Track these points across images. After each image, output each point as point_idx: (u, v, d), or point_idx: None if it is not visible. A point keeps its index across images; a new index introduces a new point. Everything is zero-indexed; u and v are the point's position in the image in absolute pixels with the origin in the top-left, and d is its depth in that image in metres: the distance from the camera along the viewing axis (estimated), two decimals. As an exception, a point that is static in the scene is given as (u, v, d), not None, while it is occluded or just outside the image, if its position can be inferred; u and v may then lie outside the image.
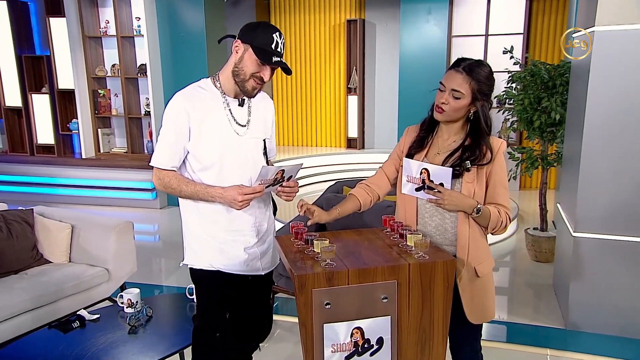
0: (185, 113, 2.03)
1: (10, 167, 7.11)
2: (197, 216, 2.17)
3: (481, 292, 2.02)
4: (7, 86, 7.05)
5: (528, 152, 4.62)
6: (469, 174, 1.96)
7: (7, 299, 3.11)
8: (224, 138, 2.07)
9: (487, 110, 1.98)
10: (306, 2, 8.27)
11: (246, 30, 2.05)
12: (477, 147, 1.97)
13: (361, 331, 1.71)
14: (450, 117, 1.99)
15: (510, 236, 5.57)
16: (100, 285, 3.62)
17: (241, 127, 2.12)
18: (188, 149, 2.08)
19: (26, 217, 3.71)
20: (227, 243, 2.16)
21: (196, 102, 2.05)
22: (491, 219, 1.94)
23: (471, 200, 1.93)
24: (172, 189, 2.10)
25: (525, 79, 4.59)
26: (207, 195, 2.04)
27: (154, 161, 2.11)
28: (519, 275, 4.74)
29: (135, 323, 2.77)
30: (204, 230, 2.17)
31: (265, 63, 2.01)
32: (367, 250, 1.88)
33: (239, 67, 2.04)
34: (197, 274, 2.23)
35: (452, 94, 1.95)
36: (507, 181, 2.02)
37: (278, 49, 2.02)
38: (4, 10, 6.79)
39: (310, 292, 1.65)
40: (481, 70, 1.94)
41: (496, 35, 7.34)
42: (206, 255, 2.19)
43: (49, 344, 2.61)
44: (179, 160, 2.10)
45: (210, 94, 2.09)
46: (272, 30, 2.03)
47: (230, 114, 2.10)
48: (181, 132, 2.05)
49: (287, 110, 8.71)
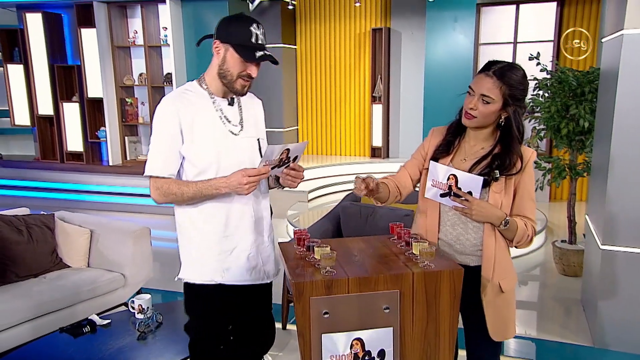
0: (176, 116, 1.94)
1: (42, 173, 7.29)
2: (191, 225, 2.06)
3: (504, 308, 1.92)
4: (40, 95, 7.24)
5: (555, 162, 4.46)
6: (497, 183, 1.86)
7: (25, 303, 3.15)
8: (218, 139, 1.99)
9: (519, 116, 1.88)
10: (332, 10, 8.26)
11: (222, 28, 1.96)
12: (507, 155, 1.86)
13: (361, 342, 1.64)
14: (479, 123, 1.90)
15: (538, 249, 5.38)
16: (117, 290, 3.64)
17: (235, 126, 2.04)
18: (182, 153, 1.98)
19: (47, 222, 3.77)
20: (226, 252, 2.05)
21: (185, 104, 1.97)
22: (517, 232, 1.85)
23: (499, 211, 1.84)
24: (174, 195, 1.98)
25: (552, 87, 4.45)
26: (211, 189, 1.92)
27: (148, 170, 1.98)
28: (546, 289, 4.56)
29: (145, 329, 2.76)
30: (203, 241, 2.06)
31: (249, 61, 1.93)
32: (370, 258, 1.81)
33: (224, 69, 1.97)
34: (196, 288, 2.10)
35: (481, 99, 1.85)
36: (534, 193, 1.93)
37: (259, 41, 1.93)
38: (38, 22, 7.00)
39: (309, 300, 1.59)
40: (513, 74, 1.83)
41: (525, 42, 7.17)
42: (204, 268, 2.07)
43: (59, 348, 2.63)
44: (175, 166, 1.99)
45: (198, 95, 2.01)
46: (248, 22, 1.93)
47: (222, 113, 2.02)
48: (174, 135, 1.95)
49: (312, 118, 8.69)
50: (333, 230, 3.82)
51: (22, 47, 7.17)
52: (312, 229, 3.79)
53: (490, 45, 7.38)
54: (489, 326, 1.91)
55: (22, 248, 3.51)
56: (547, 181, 4.63)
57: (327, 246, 1.71)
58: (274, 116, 8.32)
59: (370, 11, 8.09)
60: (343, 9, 8.19)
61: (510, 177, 1.86)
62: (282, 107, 8.25)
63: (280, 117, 8.29)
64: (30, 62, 7.13)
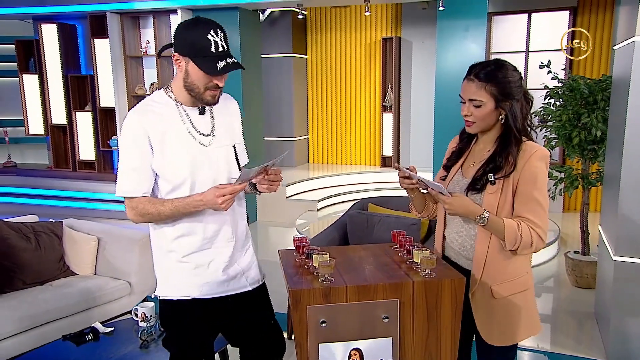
0: (144, 131, 1.83)
1: (54, 182, 7.35)
2: (169, 241, 1.97)
3: (500, 314, 1.84)
4: (54, 104, 7.33)
5: (567, 171, 4.38)
6: (493, 185, 1.80)
7: (30, 310, 3.16)
8: (189, 152, 1.88)
9: (517, 110, 1.81)
10: (342, 20, 8.28)
11: (179, 38, 1.81)
12: (502, 155, 1.80)
13: (360, 353, 1.60)
14: (481, 127, 1.87)
15: (551, 260, 5.28)
16: (123, 298, 3.63)
17: (205, 136, 1.92)
18: (154, 170, 1.88)
19: (55, 229, 3.78)
20: (203, 265, 1.97)
21: (152, 118, 1.86)
22: (506, 233, 1.73)
23: (476, 207, 1.76)
24: (150, 214, 1.87)
25: (564, 95, 4.38)
26: (188, 207, 1.84)
27: (120, 191, 1.88)
28: (559, 301, 4.47)
29: (147, 337, 2.73)
30: (173, 256, 1.97)
31: (212, 74, 1.78)
32: (371, 266, 1.77)
33: (188, 82, 1.84)
34: (172, 303, 2.00)
35: (471, 104, 1.83)
36: (542, 194, 1.77)
37: (220, 49, 1.77)
38: (53, 33, 7.11)
39: (306, 308, 1.56)
40: (495, 71, 1.80)
41: (537, 51, 7.11)
42: (181, 283, 1.98)
43: (62, 356, 2.61)
44: (149, 184, 1.88)
45: (166, 106, 1.90)
46: (206, 29, 1.77)
47: (191, 124, 1.90)
48: (144, 152, 1.84)
49: (322, 128, 8.68)
50: (339, 239, 3.78)
51: (37, 57, 7.28)
52: (319, 237, 3.76)
53: (502, 54, 7.34)
54: (479, 328, 1.85)
55: (29, 255, 3.52)
56: (559, 191, 4.55)
57: (326, 254, 1.68)
58: (284, 125, 8.33)
59: (380, 21, 8.09)
60: (354, 18, 8.20)
61: (507, 177, 1.78)
62: (292, 116, 8.26)
63: (291, 126, 8.30)
64: (45, 72, 7.23)
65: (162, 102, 1.90)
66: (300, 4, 6.29)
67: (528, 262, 1.87)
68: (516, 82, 1.82)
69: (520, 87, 1.83)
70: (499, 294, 1.82)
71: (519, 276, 1.84)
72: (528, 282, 1.86)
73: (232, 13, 6.42)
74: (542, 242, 1.77)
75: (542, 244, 1.77)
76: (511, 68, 1.84)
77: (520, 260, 1.84)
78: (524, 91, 1.87)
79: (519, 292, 1.84)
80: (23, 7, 7.02)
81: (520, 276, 1.84)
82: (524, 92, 1.87)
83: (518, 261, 1.83)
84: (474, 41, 7.02)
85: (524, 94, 1.86)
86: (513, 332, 1.86)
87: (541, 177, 1.77)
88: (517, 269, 1.84)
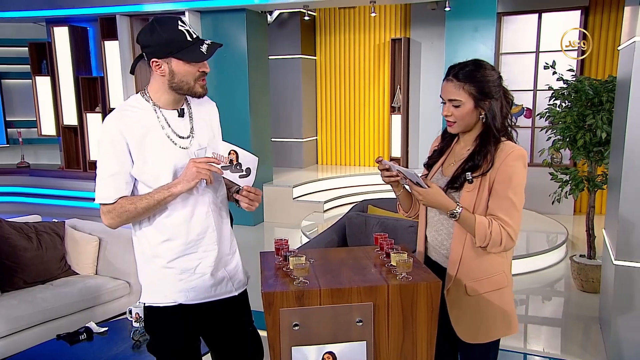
0: (121, 136, 1.80)
1: (65, 182, 7.46)
2: (154, 247, 1.93)
3: (474, 311, 1.84)
4: (65, 106, 7.44)
5: (572, 173, 4.31)
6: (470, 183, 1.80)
7: (28, 309, 3.20)
8: (168, 156, 1.86)
9: (496, 109, 1.81)
10: (351, 21, 8.26)
11: (152, 44, 1.79)
12: (480, 154, 1.81)
13: (333, 356, 1.58)
14: (462, 127, 1.87)
15: (558, 263, 5.19)
16: (122, 298, 3.67)
17: (184, 139, 1.90)
18: (134, 176, 1.85)
19: (57, 229, 3.83)
20: (189, 270, 1.94)
21: (130, 123, 1.83)
22: (477, 230, 1.74)
23: (450, 202, 1.78)
24: (128, 212, 1.83)
25: (569, 96, 4.31)
26: (168, 194, 1.81)
27: (99, 198, 1.85)
28: (563, 305, 4.40)
29: (140, 337, 2.76)
30: (162, 261, 1.93)
31: (201, 60, 1.80)
32: (349, 269, 1.76)
33: (176, 82, 1.82)
34: (157, 311, 1.98)
35: (451, 104, 1.84)
36: (517, 194, 1.76)
37: (194, 35, 1.79)
38: (65, 35, 7.22)
39: (278, 311, 1.55)
40: (473, 71, 1.80)
41: (548, 52, 7.01)
42: (165, 289, 1.95)
43: (55, 355, 2.65)
44: (128, 189, 1.85)
45: (144, 111, 1.87)
46: (173, 24, 1.77)
47: (170, 129, 1.88)
48: (122, 158, 1.81)
49: (331, 129, 8.67)
50: (338, 241, 3.77)
51: (49, 59, 7.40)
52: (318, 239, 3.75)
53: (511, 55, 7.26)
54: (454, 325, 1.86)
55: (30, 255, 3.57)
56: (565, 193, 4.48)
57: (303, 256, 1.66)
58: (293, 126, 8.34)
59: (389, 22, 8.05)
60: (362, 19, 8.18)
61: (484, 175, 1.78)
62: (301, 117, 8.26)
63: (300, 127, 8.30)
64: (57, 74, 7.35)
65: (140, 107, 1.87)
66: (306, 5, 6.29)
67: (505, 261, 1.86)
68: (494, 81, 1.82)
69: (499, 86, 1.84)
70: (473, 291, 1.83)
71: (494, 274, 1.84)
72: (504, 281, 1.85)
73: (239, 15, 6.45)
74: (512, 242, 1.77)
75: (512, 244, 1.77)
76: (489, 68, 1.85)
77: (495, 259, 1.83)
78: (504, 91, 1.87)
79: (494, 290, 1.84)
80: (36, 10, 7.15)
81: (495, 274, 1.84)
82: (503, 91, 1.87)
83: (493, 259, 1.83)
84: (482, 42, 6.95)
85: (504, 93, 1.86)
86: (487, 329, 1.86)
87: (517, 177, 1.77)
88: (493, 267, 1.84)
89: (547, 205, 5.21)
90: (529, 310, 4.27)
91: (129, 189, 1.85)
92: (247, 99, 6.47)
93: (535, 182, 4.39)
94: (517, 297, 4.44)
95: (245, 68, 6.48)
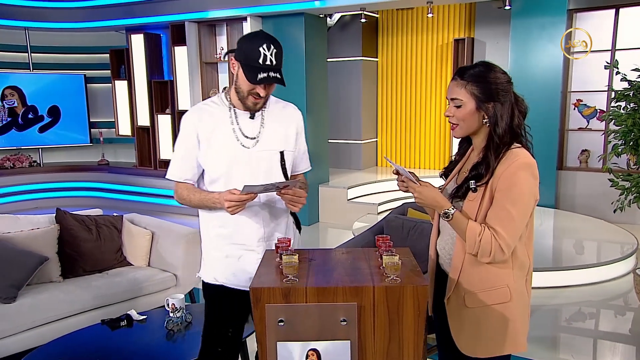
0: (194, 127, 2.10)
1: (138, 179, 7.97)
2: (207, 227, 2.23)
3: (471, 323, 1.78)
4: (139, 108, 7.96)
5: (635, 180, 4.02)
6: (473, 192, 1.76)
7: (83, 295, 3.48)
8: (229, 151, 2.09)
9: (501, 114, 1.74)
10: (413, 22, 8.16)
11: (238, 45, 2.05)
12: (483, 162, 1.76)
13: (317, 354, 1.62)
14: (464, 130, 1.83)
15: (625, 275, 4.85)
16: (169, 289, 3.88)
17: (250, 139, 2.12)
18: (200, 162, 2.13)
19: (115, 223, 4.12)
20: (233, 257, 2.17)
21: (204, 117, 2.12)
22: (467, 235, 1.69)
23: (445, 201, 1.75)
24: (184, 200, 2.18)
25: (635, 97, 4.03)
26: (209, 202, 2.09)
27: (168, 174, 2.21)
28: (620, 321, 4.10)
29: (173, 327, 2.91)
30: (211, 242, 2.22)
31: (251, 82, 1.98)
32: (342, 269, 1.78)
33: (237, 85, 2.08)
34: (205, 286, 2.28)
35: (453, 104, 1.81)
36: (516, 205, 1.67)
37: (267, 62, 1.97)
38: (140, 42, 7.72)
39: (264, 307, 1.61)
40: (478, 72, 1.76)
41: (625, 50, 6.56)
42: (212, 268, 2.23)
43: (96, 338, 2.87)
44: (192, 173, 2.16)
45: (220, 108, 2.14)
46: (259, 42, 1.97)
47: (238, 126, 2.11)
48: (190, 145, 2.11)
49: (391, 131, 8.61)
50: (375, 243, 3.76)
51: (127, 65, 7.94)
52: (355, 240, 3.77)
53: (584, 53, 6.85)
54: (453, 335, 1.81)
55: (90, 245, 3.87)
56: (628, 202, 4.19)
57: (295, 255, 1.71)
58: (353, 128, 8.37)
59: (453, 22, 7.88)
60: (424, 20, 8.06)
61: (487, 184, 1.73)
62: (360, 119, 8.28)
63: (359, 129, 8.32)
64: (132, 78, 7.87)
65: (218, 104, 2.15)
66: (363, 7, 6.31)
67: (509, 273, 1.76)
68: (501, 84, 1.75)
69: (507, 91, 1.76)
70: (472, 302, 1.77)
71: (497, 287, 1.75)
72: (506, 296, 1.75)
73: (298, 19, 6.59)
74: (503, 254, 1.69)
75: (502, 256, 1.70)
76: (498, 70, 1.79)
77: (498, 271, 1.75)
78: (515, 97, 1.79)
79: (497, 304, 1.75)
80: (117, 20, 7.70)
81: (497, 287, 1.75)
82: (515, 97, 1.79)
83: (495, 271, 1.75)
84: (550, 40, 6.63)
85: (515, 99, 1.79)
86: (487, 344, 1.78)
87: (518, 187, 1.69)
88: (495, 279, 1.75)
89: (621, 214, 4.87)
90: (585, 324, 4.04)
91: (193, 173, 2.15)
92: (304, 100, 6.59)
93: (604, 189, 4.15)
94: (577, 309, 4.22)
95: (302, 71, 6.61)
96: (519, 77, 6.70)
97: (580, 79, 6.88)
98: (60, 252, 3.69)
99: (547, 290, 4.46)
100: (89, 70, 8.63)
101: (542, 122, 6.41)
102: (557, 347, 3.64)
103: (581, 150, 6.94)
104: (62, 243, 3.74)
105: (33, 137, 8.27)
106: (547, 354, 3.44)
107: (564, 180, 6.89)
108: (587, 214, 6.36)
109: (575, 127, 6.99)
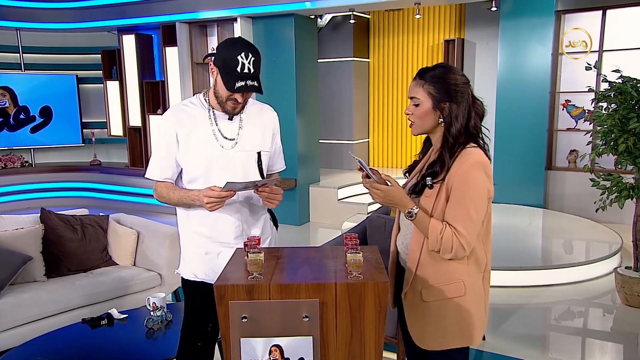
0: (172, 127, 2.14)
1: (129, 179, 7.99)
2: (186, 225, 2.27)
3: (428, 317, 1.83)
4: (131, 108, 7.98)
5: (615, 180, 4.05)
6: (429, 189, 1.81)
7: (66, 294, 3.50)
8: (208, 151, 2.13)
9: (456, 114, 1.79)
10: (405, 23, 8.20)
11: (218, 51, 2.07)
12: (438, 160, 1.81)
13: (280, 349, 1.65)
14: (421, 128, 1.89)
15: (607, 275, 4.89)
16: (153, 289, 3.90)
17: (228, 140, 2.16)
18: (179, 161, 2.17)
19: (101, 222, 4.15)
20: (213, 253, 2.21)
21: (183, 117, 2.15)
22: (429, 233, 1.74)
23: (409, 201, 1.78)
24: (164, 198, 2.22)
25: (615, 98, 4.06)
26: (188, 199, 2.13)
27: (147, 173, 2.24)
28: (603, 319, 4.14)
29: (153, 326, 2.94)
30: (190, 239, 2.26)
31: (229, 90, 2.02)
32: (309, 267, 1.81)
33: (215, 89, 2.11)
34: (184, 283, 2.33)
35: (412, 102, 1.87)
36: (473, 203, 1.73)
37: (245, 70, 1.99)
38: (132, 42, 7.75)
39: (228, 303, 1.64)
40: (436, 72, 1.82)
41: (612, 50, 6.61)
42: (191, 265, 2.27)
43: (76, 336, 2.88)
44: (172, 172, 2.20)
45: (199, 109, 2.17)
46: (238, 50, 2.00)
47: (217, 128, 2.15)
48: (170, 144, 2.15)
49: (383, 131, 8.64)
50: (360, 242, 3.79)
51: (118, 65, 7.96)
52: (338, 239, 3.80)
53: (572, 54, 6.89)
54: (410, 330, 1.87)
55: (75, 245, 3.89)
56: (609, 201, 4.22)
57: (261, 252, 1.74)
58: (344, 128, 8.40)
59: (443, 23, 7.92)
60: (416, 21, 8.09)
61: (442, 181, 1.77)
62: (352, 119, 8.31)
63: (351, 129, 8.35)
64: (124, 78, 7.90)
65: (197, 105, 2.18)
66: (352, 8, 6.34)
67: (464, 268, 1.80)
68: (458, 85, 1.80)
69: (464, 92, 1.81)
70: (428, 297, 1.82)
71: (452, 282, 1.80)
72: (461, 290, 1.80)
73: (288, 20, 6.62)
74: (464, 250, 1.74)
75: (463, 252, 1.75)
76: (457, 72, 1.85)
77: (454, 266, 1.80)
78: (474, 98, 1.84)
79: (452, 298, 1.80)
80: (109, 20, 7.72)
81: (453, 282, 1.80)
82: (473, 99, 1.83)
83: (451, 267, 1.80)
84: (539, 41, 6.67)
85: (473, 100, 1.83)
86: (441, 337, 1.83)
87: (473, 185, 1.74)
88: (450, 274, 1.80)
89: (610, 214, 4.92)
90: (567, 322, 4.07)
91: (172, 172, 2.19)
92: (294, 101, 6.62)
93: (592, 189, 4.20)
94: (560, 307, 4.26)
95: (293, 71, 6.64)
96: (508, 77, 6.74)
97: (569, 80, 6.91)
98: (45, 252, 3.71)
99: (535, 288, 4.49)
100: (81, 71, 8.65)
101: (531, 122, 6.45)
102: (545, 346, 3.67)
103: (570, 150, 6.98)
104: (47, 243, 3.76)
105: (25, 137, 8.28)
106: (533, 352, 3.46)
107: (552, 180, 6.93)
108: (576, 213, 6.40)
109: (564, 127, 7.03)
